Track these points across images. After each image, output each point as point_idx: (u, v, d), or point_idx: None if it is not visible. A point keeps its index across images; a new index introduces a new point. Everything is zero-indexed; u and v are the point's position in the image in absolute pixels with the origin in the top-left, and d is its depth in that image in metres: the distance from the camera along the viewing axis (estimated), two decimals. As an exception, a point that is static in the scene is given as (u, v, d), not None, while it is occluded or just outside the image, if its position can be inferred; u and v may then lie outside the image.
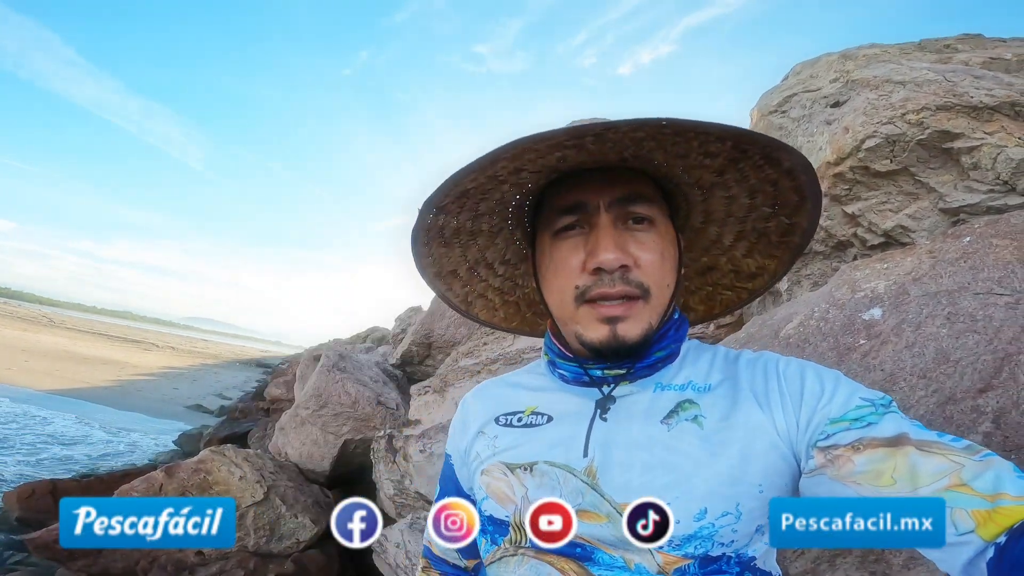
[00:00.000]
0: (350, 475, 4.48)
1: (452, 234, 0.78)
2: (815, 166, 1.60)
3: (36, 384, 12.03)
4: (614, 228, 0.65)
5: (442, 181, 0.64)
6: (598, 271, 0.64)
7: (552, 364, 0.75)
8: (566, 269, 0.67)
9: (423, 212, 0.70)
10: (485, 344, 3.38)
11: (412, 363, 4.68)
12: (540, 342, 0.81)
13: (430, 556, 0.84)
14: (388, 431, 2.98)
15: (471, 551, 0.79)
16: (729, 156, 0.65)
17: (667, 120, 0.57)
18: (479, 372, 2.98)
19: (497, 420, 0.75)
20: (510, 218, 0.79)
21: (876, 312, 1.15)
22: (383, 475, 2.87)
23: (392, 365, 4.99)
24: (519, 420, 0.72)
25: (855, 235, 1.59)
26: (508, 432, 0.72)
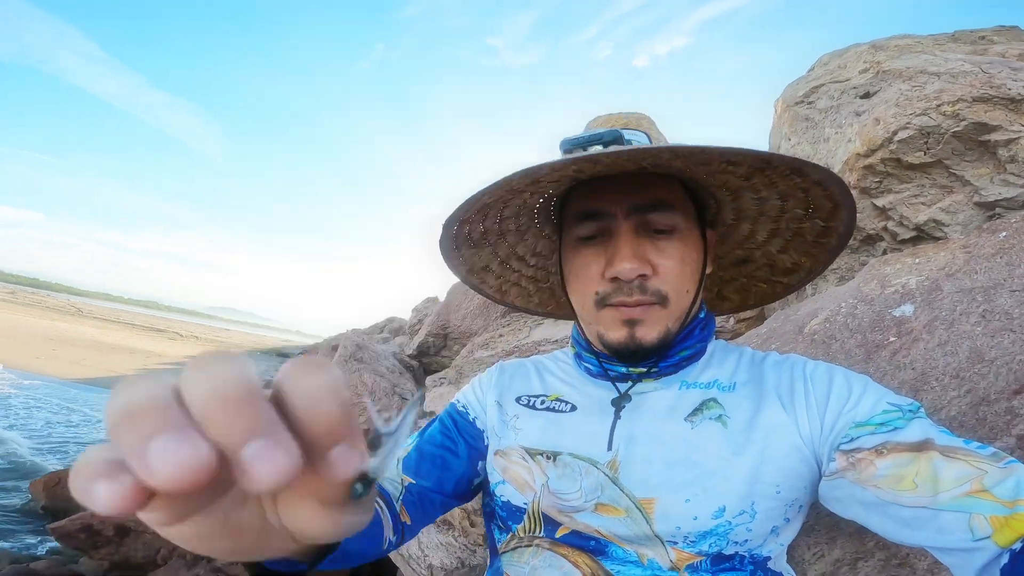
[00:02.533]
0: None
1: (480, 237, 0.78)
2: (844, 158, 1.56)
3: (64, 373, 12.37)
4: (634, 236, 0.64)
5: (460, 203, 0.64)
6: (616, 280, 0.64)
7: (578, 356, 0.76)
8: (587, 275, 0.67)
9: (446, 227, 0.71)
10: (501, 336, 3.37)
11: (428, 354, 4.70)
12: (556, 334, 0.81)
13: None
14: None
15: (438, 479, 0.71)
16: (753, 165, 0.62)
17: (669, 148, 0.53)
18: (494, 364, 2.98)
19: (519, 399, 0.75)
20: (537, 217, 0.79)
21: (907, 308, 1.11)
22: (399, 465, 2.89)
23: (408, 356, 5.02)
24: (542, 403, 0.73)
25: (885, 229, 1.55)
26: (529, 414, 0.72)
